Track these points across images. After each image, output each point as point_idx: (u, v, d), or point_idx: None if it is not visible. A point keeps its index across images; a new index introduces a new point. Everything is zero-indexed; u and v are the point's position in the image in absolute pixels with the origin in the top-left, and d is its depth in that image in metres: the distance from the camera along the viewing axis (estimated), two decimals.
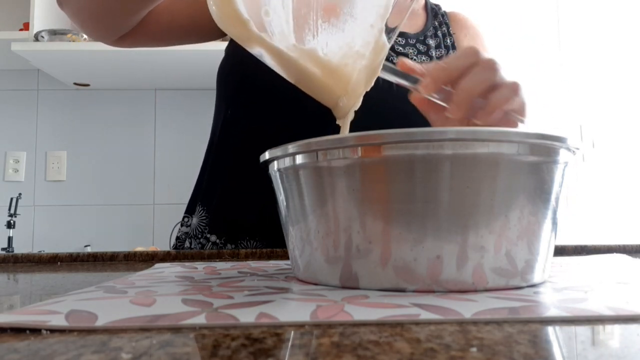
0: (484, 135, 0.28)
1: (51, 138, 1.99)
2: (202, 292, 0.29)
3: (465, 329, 0.21)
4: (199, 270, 0.41)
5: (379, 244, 0.29)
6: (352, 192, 0.29)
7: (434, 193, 0.28)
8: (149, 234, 1.96)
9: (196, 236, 0.69)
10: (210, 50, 1.64)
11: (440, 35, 0.75)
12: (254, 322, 0.22)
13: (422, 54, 0.72)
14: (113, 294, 0.28)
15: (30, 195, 1.95)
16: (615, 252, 0.57)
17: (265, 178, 0.37)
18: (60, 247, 1.88)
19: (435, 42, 0.74)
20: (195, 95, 2.02)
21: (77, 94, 2.01)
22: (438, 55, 0.73)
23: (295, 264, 0.35)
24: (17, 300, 0.32)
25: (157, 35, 0.71)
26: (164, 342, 0.19)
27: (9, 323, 0.21)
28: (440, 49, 0.74)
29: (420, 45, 0.73)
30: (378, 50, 0.36)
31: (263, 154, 0.35)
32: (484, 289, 0.28)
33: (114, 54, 1.62)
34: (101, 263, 0.55)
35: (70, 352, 0.18)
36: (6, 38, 1.65)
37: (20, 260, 0.55)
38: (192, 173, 0.78)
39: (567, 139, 0.30)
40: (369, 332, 0.20)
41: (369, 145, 0.28)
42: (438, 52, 0.74)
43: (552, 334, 0.20)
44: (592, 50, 1.91)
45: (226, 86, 0.73)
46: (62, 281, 0.41)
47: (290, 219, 0.34)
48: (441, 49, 0.74)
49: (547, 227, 0.30)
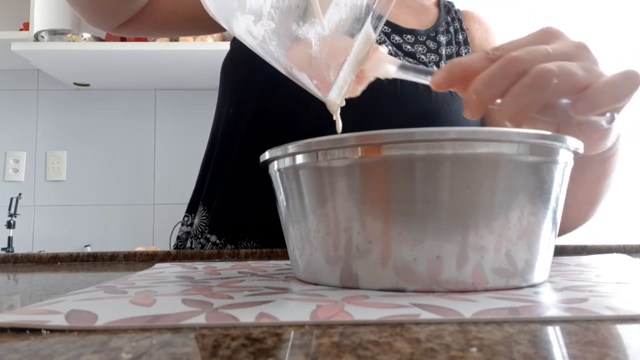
0: (484, 135, 0.28)
1: (51, 138, 1.99)
2: (202, 292, 0.29)
3: (465, 329, 0.21)
4: (199, 270, 0.41)
5: (379, 244, 0.29)
6: (352, 192, 0.29)
7: (434, 193, 0.28)
8: (149, 234, 1.97)
9: (197, 236, 0.69)
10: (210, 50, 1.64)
11: (452, 32, 0.75)
12: (254, 322, 0.22)
13: (432, 52, 0.71)
14: (113, 294, 0.28)
15: (30, 195, 1.95)
16: (615, 252, 0.57)
17: (266, 178, 0.37)
18: (60, 247, 1.88)
19: (446, 38, 0.74)
20: (195, 95, 2.02)
21: (77, 94, 2.01)
22: (448, 52, 0.73)
23: (295, 264, 0.35)
24: (17, 300, 0.32)
25: (159, 25, 0.71)
26: (164, 342, 0.19)
27: (9, 323, 0.21)
28: (452, 45, 0.74)
29: (430, 43, 0.72)
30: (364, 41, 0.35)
31: (263, 154, 0.35)
32: (484, 289, 0.28)
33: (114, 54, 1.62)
34: (101, 263, 0.55)
35: (70, 352, 0.18)
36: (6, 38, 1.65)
37: (20, 260, 0.55)
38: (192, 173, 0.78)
39: (567, 139, 0.30)
40: (369, 332, 0.20)
41: (369, 145, 0.28)
42: (449, 49, 0.73)
43: (552, 334, 0.20)
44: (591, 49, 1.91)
45: (230, 81, 0.72)
46: (62, 281, 0.41)
47: (290, 219, 0.34)
48: (452, 45, 0.74)
49: (547, 227, 0.30)
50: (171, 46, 1.62)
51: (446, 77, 0.33)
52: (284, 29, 0.30)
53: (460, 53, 0.73)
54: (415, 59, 0.70)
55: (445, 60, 0.72)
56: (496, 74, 0.31)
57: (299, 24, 0.30)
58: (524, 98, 0.31)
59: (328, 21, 0.30)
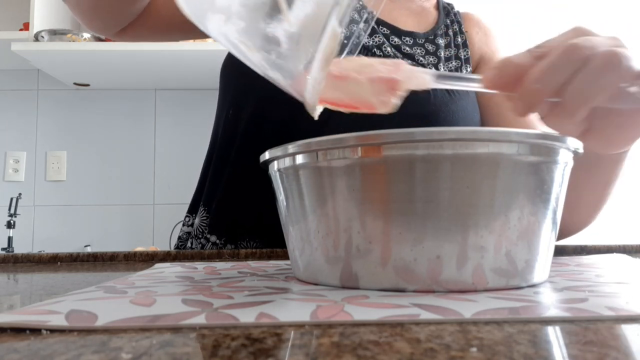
0: (484, 135, 0.28)
1: (51, 138, 1.99)
2: (202, 292, 0.29)
3: (465, 329, 0.21)
4: (199, 271, 0.41)
5: (379, 244, 0.29)
6: (352, 192, 0.29)
7: (434, 193, 0.28)
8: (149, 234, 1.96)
9: (197, 236, 0.69)
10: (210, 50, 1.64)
11: (451, 34, 0.75)
12: (254, 322, 0.22)
13: (431, 54, 0.71)
14: (113, 294, 0.28)
15: (30, 195, 1.95)
16: (615, 252, 0.57)
17: (266, 178, 0.37)
18: (60, 247, 1.88)
19: (445, 41, 0.74)
20: (195, 95, 2.02)
21: (77, 94, 2.01)
22: (447, 55, 0.73)
23: (295, 264, 0.35)
24: (17, 300, 0.32)
25: (158, 29, 0.71)
26: (164, 342, 0.19)
27: (9, 323, 0.21)
28: (450, 48, 0.74)
29: (429, 45, 0.72)
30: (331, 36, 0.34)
31: (263, 154, 0.35)
32: (484, 289, 0.28)
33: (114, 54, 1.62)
34: (101, 263, 0.55)
35: (70, 352, 0.18)
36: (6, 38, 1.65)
37: (20, 260, 0.55)
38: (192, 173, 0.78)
39: (567, 139, 0.30)
40: (369, 332, 0.20)
41: (369, 145, 0.28)
42: (447, 52, 0.73)
43: (552, 334, 0.20)
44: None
45: (230, 82, 0.72)
46: (62, 281, 0.41)
47: (290, 219, 0.34)
48: (451, 48, 0.74)
49: (547, 227, 0.30)
50: (171, 46, 1.62)
51: (499, 74, 0.32)
52: (253, 27, 0.30)
53: (459, 56, 0.73)
54: (413, 61, 0.70)
55: (444, 62, 0.71)
56: (560, 60, 0.30)
57: (266, 21, 0.30)
58: (597, 82, 0.29)
59: (295, 17, 0.30)
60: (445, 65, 0.71)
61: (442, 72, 0.35)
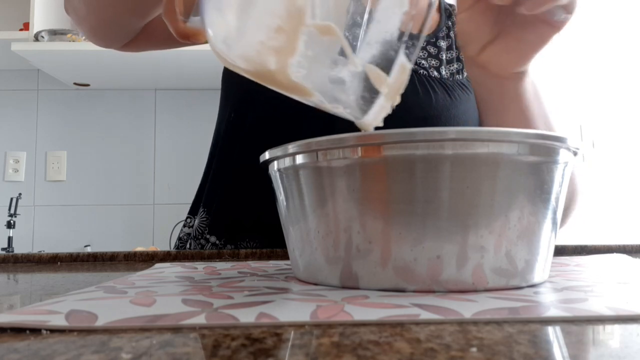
0: (484, 135, 0.28)
1: (51, 138, 1.99)
2: (202, 292, 0.29)
3: (465, 329, 0.21)
4: (199, 271, 0.41)
5: (379, 244, 0.29)
6: (352, 192, 0.29)
7: (434, 193, 0.28)
8: (149, 234, 1.97)
9: (196, 237, 0.69)
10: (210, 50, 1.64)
11: (452, 36, 0.75)
12: (254, 322, 0.22)
13: (433, 57, 0.71)
14: (113, 294, 0.28)
15: (30, 195, 1.95)
16: (615, 252, 0.57)
17: (266, 178, 0.37)
18: (60, 247, 1.88)
19: (447, 43, 0.74)
20: (195, 95, 2.02)
21: (77, 94, 2.01)
22: (448, 57, 0.73)
23: (295, 264, 0.35)
24: (17, 300, 0.32)
25: (161, 42, 0.71)
26: (164, 342, 0.19)
27: (9, 323, 0.21)
28: (452, 50, 0.74)
29: (431, 48, 0.72)
30: (400, 70, 0.35)
31: (263, 154, 0.35)
32: (484, 289, 0.28)
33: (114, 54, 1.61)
34: (101, 263, 0.55)
35: (70, 352, 0.18)
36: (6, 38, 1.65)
37: (20, 260, 0.55)
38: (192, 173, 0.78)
39: (567, 139, 0.30)
40: (369, 332, 0.20)
41: (369, 145, 0.28)
42: (449, 54, 0.73)
43: (552, 334, 0.20)
44: (592, 50, 1.91)
45: (231, 85, 0.72)
46: (62, 281, 0.41)
47: (290, 219, 0.34)
48: (452, 50, 0.74)
49: (547, 227, 0.30)
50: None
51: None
52: (315, 73, 0.30)
53: (460, 58, 0.73)
54: (415, 64, 0.70)
55: (446, 65, 0.72)
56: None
57: (331, 66, 0.30)
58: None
59: (361, 59, 0.31)
60: (447, 68, 0.71)
61: None
